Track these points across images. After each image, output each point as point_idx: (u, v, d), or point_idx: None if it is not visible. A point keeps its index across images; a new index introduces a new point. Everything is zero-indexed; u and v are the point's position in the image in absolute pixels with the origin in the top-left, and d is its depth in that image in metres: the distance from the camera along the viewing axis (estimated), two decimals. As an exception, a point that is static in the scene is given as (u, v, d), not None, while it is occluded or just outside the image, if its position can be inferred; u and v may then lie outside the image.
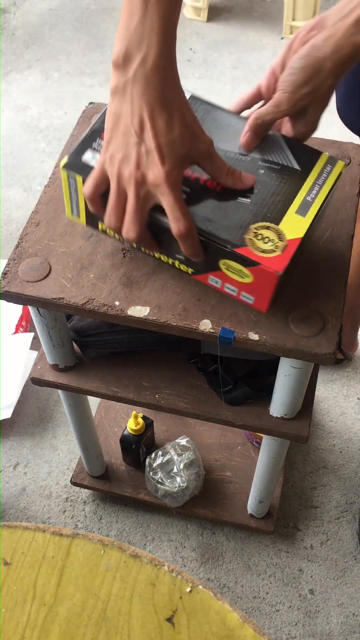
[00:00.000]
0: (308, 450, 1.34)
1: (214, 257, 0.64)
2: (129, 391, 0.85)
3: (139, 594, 0.61)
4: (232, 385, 0.83)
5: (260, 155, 0.66)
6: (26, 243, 0.75)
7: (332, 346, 0.66)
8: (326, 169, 0.67)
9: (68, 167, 0.65)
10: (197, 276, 0.69)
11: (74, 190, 0.67)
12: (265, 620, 1.15)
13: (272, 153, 0.67)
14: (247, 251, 0.61)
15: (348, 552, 1.22)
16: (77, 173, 0.65)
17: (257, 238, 0.62)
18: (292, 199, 0.65)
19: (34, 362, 0.89)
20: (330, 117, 2.17)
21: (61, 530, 0.64)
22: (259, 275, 0.63)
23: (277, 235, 0.63)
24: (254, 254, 0.61)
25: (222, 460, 1.24)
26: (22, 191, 1.80)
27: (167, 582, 0.61)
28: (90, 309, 0.70)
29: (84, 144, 0.67)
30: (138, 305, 0.70)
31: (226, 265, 0.64)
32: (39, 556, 0.63)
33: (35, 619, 0.60)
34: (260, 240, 0.62)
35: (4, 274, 0.72)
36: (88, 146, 0.67)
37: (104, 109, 0.68)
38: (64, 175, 0.66)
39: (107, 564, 0.62)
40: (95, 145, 0.66)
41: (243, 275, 0.64)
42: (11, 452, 1.35)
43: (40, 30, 2.27)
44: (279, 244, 0.62)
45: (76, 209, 0.70)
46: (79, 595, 0.61)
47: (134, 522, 1.26)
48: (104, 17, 2.31)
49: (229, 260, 0.63)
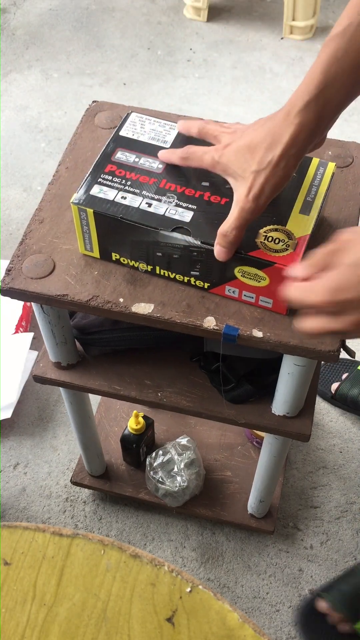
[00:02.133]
0: (308, 450, 1.34)
1: (229, 265, 0.66)
2: (131, 389, 0.85)
3: (139, 594, 0.60)
4: (234, 384, 0.83)
5: None
6: (30, 240, 0.75)
7: (335, 343, 0.66)
8: (319, 172, 0.71)
9: (78, 202, 0.67)
10: (214, 289, 0.70)
11: (85, 224, 0.69)
12: (265, 620, 1.15)
13: None
14: (260, 253, 0.64)
15: (348, 552, 1.22)
16: (88, 207, 0.67)
17: (268, 240, 0.65)
18: (294, 201, 0.68)
19: (36, 360, 0.89)
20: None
21: (61, 530, 0.64)
22: (275, 275, 0.64)
23: (286, 235, 0.65)
24: (268, 255, 0.64)
25: (222, 460, 1.24)
26: (22, 191, 1.79)
27: (167, 582, 0.61)
28: (95, 306, 0.69)
29: (92, 180, 0.69)
30: (142, 302, 0.69)
31: (242, 271, 0.66)
32: (39, 556, 0.63)
33: (35, 619, 0.59)
34: (272, 242, 0.65)
35: (8, 270, 0.72)
36: (95, 181, 0.69)
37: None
38: (75, 211, 0.68)
39: (107, 564, 0.62)
40: (102, 180, 0.69)
41: (259, 279, 0.66)
42: (11, 452, 1.35)
43: (40, 30, 2.27)
44: (290, 243, 0.65)
45: (89, 243, 0.71)
46: (79, 595, 0.61)
47: (134, 522, 1.25)
48: (104, 17, 2.31)
49: (244, 266, 0.65)
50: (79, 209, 0.67)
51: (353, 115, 1.98)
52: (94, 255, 0.72)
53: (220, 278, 0.68)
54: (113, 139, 0.74)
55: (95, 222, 0.68)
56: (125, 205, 0.67)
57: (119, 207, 0.67)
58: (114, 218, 0.66)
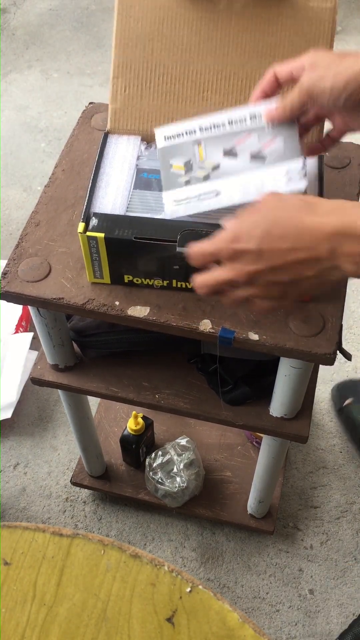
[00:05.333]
0: (308, 450, 1.34)
1: None
2: (129, 391, 0.85)
3: (139, 594, 0.61)
4: (232, 385, 0.83)
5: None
6: (26, 243, 0.75)
7: (331, 346, 0.66)
8: None
9: (87, 231, 0.66)
10: None
11: (95, 252, 0.68)
12: (265, 620, 1.15)
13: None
14: None
15: (348, 552, 1.22)
16: (98, 232, 0.66)
17: None
18: None
19: (34, 362, 0.89)
20: (330, 117, 2.12)
21: (61, 530, 0.64)
22: None
23: None
24: None
25: (222, 460, 1.24)
26: (22, 191, 1.80)
27: (167, 582, 0.61)
28: (90, 309, 0.70)
29: (89, 209, 0.69)
30: (138, 305, 0.70)
31: None
32: (39, 556, 0.63)
33: (35, 619, 0.60)
34: None
35: (4, 274, 0.72)
36: (93, 214, 0.68)
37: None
38: (83, 241, 0.67)
39: (107, 564, 0.62)
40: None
41: None
42: (11, 452, 1.35)
43: (40, 30, 2.27)
44: None
45: (99, 271, 0.70)
46: (79, 595, 0.61)
47: (134, 522, 1.26)
48: (104, 17, 2.31)
49: None
50: (88, 239, 0.66)
51: (352, 114, 1.97)
52: (105, 282, 0.71)
53: None
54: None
55: (107, 247, 0.67)
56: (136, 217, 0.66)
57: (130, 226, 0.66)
58: (126, 240, 0.65)
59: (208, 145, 0.65)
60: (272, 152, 0.63)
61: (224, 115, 0.65)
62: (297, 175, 0.62)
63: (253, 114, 0.64)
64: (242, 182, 0.62)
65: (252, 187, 0.62)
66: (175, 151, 0.65)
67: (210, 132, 0.65)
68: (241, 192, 0.62)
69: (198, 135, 0.65)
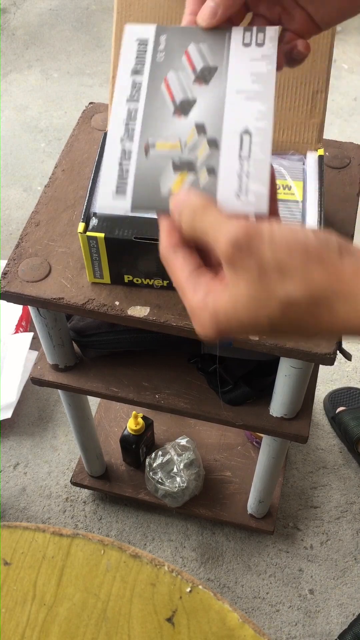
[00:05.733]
0: (308, 450, 1.34)
1: None
2: (129, 391, 0.85)
3: (139, 594, 0.61)
4: (232, 386, 0.83)
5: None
6: (26, 243, 0.75)
7: (332, 346, 0.66)
8: None
9: (87, 231, 0.66)
10: None
11: (95, 252, 0.68)
12: (265, 621, 1.15)
13: None
14: None
15: (348, 552, 1.22)
16: (97, 232, 0.66)
17: None
18: None
19: (34, 362, 0.89)
20: (330, 116, 2.17)
21: (61, 530, 0.64)
22: None
23: None
24: None
25: (222, 460, 1.24)
26: (22, 191, 1.80)
27: (167, 582, 0.61)
28: (90, 309, 0.70)
29: (89, 209, 0.68)
30: (138, 305, 0.70)
31: None
32: (39, 556, 0.63)
33: (35, 619, 0.60)
34: None
35: (4, 274, 0.72)
36: (93, 214, 0.68)
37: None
38: (83, 241, 0.67)
39: (107, 564, 0.62)
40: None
41: None
42: (11, 452, 1.35)
43: (40, 30, 2.27)
44: None
45: (99, 271, 0.70)
46: (79, 595, 0.61)
47: (134, 522, 1.26)
48: (104, 17, 2.31)
49: None
50: (88, 239, 0.66)
51: (353, 115, 1.98)
52: (104, 282, 0.71)
53: None
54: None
55: (107, 247, 0.67)
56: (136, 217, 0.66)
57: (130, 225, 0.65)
58: (126, 240, 0.65)
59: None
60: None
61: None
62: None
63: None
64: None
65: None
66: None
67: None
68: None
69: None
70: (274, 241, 0.33)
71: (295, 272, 0.33)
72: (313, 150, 0.73)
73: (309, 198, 0.70)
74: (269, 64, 0.41)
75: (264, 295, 0.33)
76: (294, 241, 0.33)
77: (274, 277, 0.33)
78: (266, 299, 0.33)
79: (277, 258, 0.33)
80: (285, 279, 0.33)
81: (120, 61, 0.43)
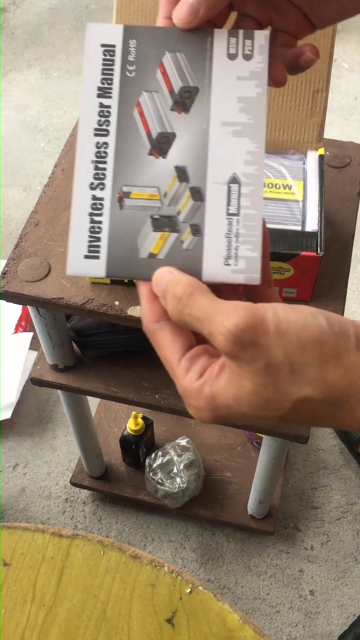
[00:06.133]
0: (308, 451, 1.34)
1: None
2: (129, 391, 0.85)
3: (139, 595, 0.60)
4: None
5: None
6: (25, 243, 0.75)
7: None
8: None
9: None
10: None
11: None
12: (265, 621, 1.15)
13: None
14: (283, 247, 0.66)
15: (348, 553, 1.22)
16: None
17: None
18: None
19: (34, 363, 0.89)
20: (331, 116, 2.17)
21: (61, 531, 0.64)
22: (300, 264, 0.66)
23: None
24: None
25: (222, 460, 1.24)
26: (22, 191, 1.79)
27: (167, 583, 0.61)
28: (90, 309, 0.69)
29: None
30: (138, 305, 0.69)
31: None
32: (39, 557, 0.63)
33: (35, 620, 0.59)
34: None
35: (3, 273, 0.72)
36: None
37: None
38: None
39: (106, 564, 0.62)
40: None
41: (283, 272, 0.67)
42: (11, 452, 1.35)
43: (40, 29, 2.27)
44: None
45: None
46: (79, 596, 0.61)
47: (134, 523, 1.25)
48: (104, 17, 2.31)
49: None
50: None
51: (353, 114, 1.97)
52: (104, 282, 0.71)
53: None
54: None
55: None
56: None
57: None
58: None
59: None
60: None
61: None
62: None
63: None
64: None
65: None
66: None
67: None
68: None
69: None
70: (283, 334, 0.29)
71: (310, 372, 0.29)
72: (313, 150, 0.73)
73: (309, 197, 0.70)
74: (259, 85, 0.35)
75: (274, 397, 0.29)
76: (305, 334, 0.29)
77: (286, 377, 0.29)
78: (277, 401, 0.30)
79: (287, 354, 0.29)
80: (299, 379, 0.29)
81: (83, 74, 0.36)
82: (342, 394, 0.29)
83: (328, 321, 0.29)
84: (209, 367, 0.31)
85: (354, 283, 1.57)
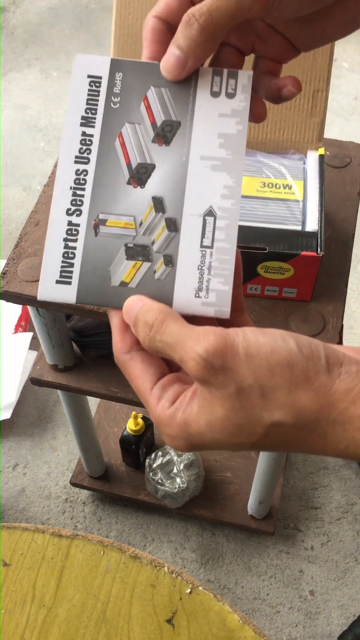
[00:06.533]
0: (308, 451, 1.34)
1: (252, 264, 0.67)
2: (129, 391, 0.85)
3: (139, 595, 0.60)
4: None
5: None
6: (25, 243, 0.75)
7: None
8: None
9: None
10: None
11: None
12: (265, 622, 1.15)
13: None
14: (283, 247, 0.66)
15: (349, 553, 1.22)
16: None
17: None
18: None
19: (34, 363, 0.89)
20: (331, 116, 2.17)
21: (60, 531, 0.64)
22: (301, 264, 0.66)
23: None
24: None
25: (222, 460, 1.23)
26: (22, 190, 1.79)
27: (167, 583, 0.61)
28: (90, 309, 0.69)
29: None
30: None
31: (265, 267, 0.67)
32: (39, 557, 0.63)
33: (35, 620, 0.59)
34: None
35: (3, 273, 0.72)
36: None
37: None
38: None
39: (106, 565, 0.62)
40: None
41: (283, 271, 0.67)
42: (10, 452, 1.35)
43: (40, 29, 2.27)
44: None
45: None
46: (79, 596, 0.61)
47: (134, 523, 1.25)
48: (104, 16, 2.31)
49: (267, 262, 0.66)
50: None
51: (353, 114, 1.97)
52: None
53: (244, 277, 0.69)
54: None
55: None
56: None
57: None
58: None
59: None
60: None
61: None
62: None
63: None
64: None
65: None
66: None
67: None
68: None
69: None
70: (252, 357, 0.29)
71: (280, 396, 0.29)
72: (314, 150, 0.73)
73: (309, 197, 0.70)
74: (239, 123, 0.35)
75: (246, 422, 0.30)
76: (274, 357, 0.29)
77: (256, 401, 0.29)
78: (249, 427, 0.30)
79: (257, 378, 0.29)
80: (269, 403, 0.29)
81: (68, 103, 0.36)
82: (313, 418, 0.29)
83: (297, 344, 0.29)
84: (181, 394, 0.31)
85: (354, 283, 1.57)
